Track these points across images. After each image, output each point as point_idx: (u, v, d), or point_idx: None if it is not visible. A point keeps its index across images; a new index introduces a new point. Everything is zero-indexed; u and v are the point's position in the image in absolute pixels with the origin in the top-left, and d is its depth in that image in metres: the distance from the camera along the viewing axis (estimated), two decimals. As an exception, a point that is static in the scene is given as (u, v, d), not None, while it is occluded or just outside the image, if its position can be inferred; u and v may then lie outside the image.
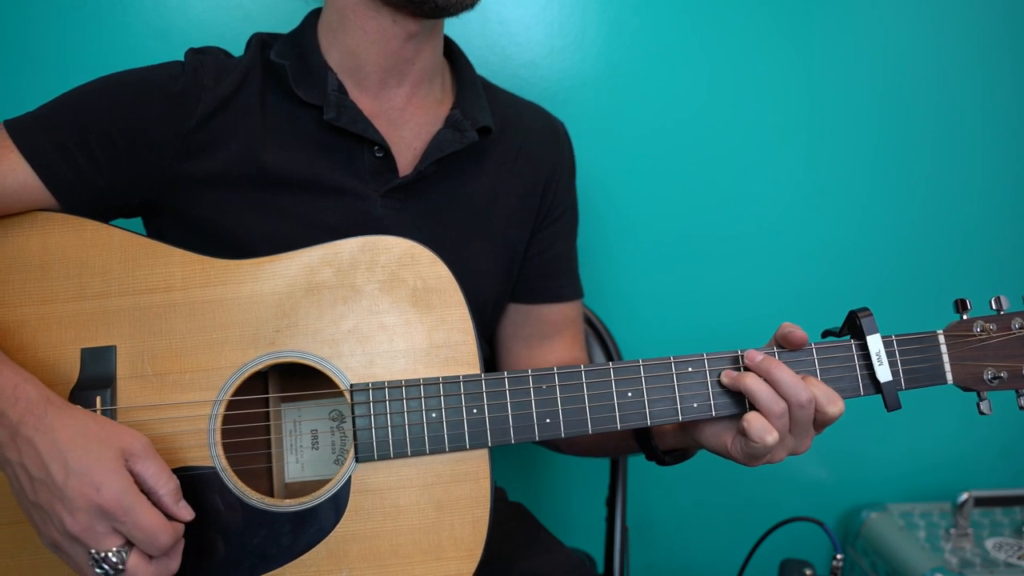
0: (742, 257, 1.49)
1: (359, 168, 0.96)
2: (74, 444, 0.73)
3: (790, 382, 0.82)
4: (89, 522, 0.72)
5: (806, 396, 0.81)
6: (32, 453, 0.73)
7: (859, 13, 1.45)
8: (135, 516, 0.72)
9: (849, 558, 1.54)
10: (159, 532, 0.73)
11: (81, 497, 0.72)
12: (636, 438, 0.97)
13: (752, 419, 0.82)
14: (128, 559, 0.73)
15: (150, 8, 1.33)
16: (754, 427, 0.81)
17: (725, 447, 0.87)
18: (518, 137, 1.07)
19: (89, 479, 0.72)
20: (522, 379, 0.85)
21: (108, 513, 0.72)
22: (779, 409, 0.81)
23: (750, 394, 0.83)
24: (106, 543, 0.72)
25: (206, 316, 0.86)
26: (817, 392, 0.82)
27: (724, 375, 0.85)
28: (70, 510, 0.72)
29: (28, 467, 0.74)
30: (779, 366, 0.83)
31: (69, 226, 0.87)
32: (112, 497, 0.72)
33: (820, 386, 0.83)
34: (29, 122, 0.89)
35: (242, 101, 0.94)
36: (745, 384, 0.83)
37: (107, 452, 0.74)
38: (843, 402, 0.83)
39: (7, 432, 0.75)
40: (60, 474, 0.72)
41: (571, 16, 1.41)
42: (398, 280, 0.87)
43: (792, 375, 0.82)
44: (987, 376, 0.87)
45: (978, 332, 0.88)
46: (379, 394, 0.84)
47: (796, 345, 0.86)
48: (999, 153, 1.51)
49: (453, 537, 0.84)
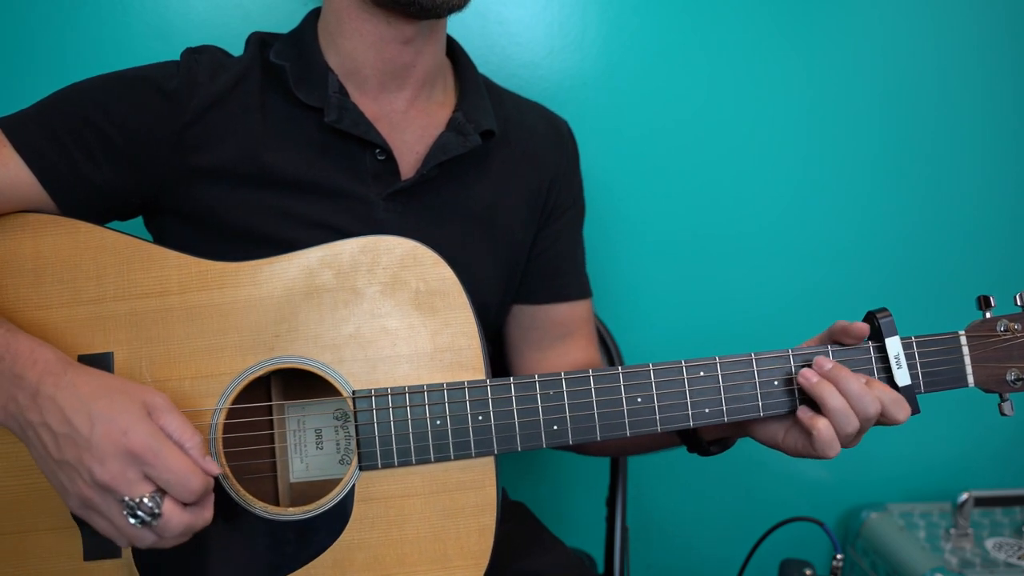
0: (744, 257, 1.49)
1: (361, 171, 0.95)
2: (96, 396, 0.72)
3: (859, 394, 0.81)
4: (120, 468, 0.70)
5: (874, 410, 0.81)
6: (54, 410, 0.72)
7: (860, 13, 1.45)
8: (165, 459, 0.70)
9: (849, 558, 1.55)
10: (191, 474, 0.71)
11: (109, 444, 0.70)
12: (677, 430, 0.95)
13: (823, 429, 0.81)
14: (163, 505, 0.71)
15: (150, 8, 1.32)
16: (823, 437, 0.81)
17: (776, 441, 0.87)
18: (521, 139, 1.06)
19: (116, 425, 0.70)
20: (528, 385, 0.84)
21: (138, 456, 0.70)
22: (852, 430, 0.81)
23: (825, 407, 0.81)
24: (138, 489, 0.70)
25: (204, 321, 0.84)
26: (885, 399, 0.82)
27: (801, 375, 0.83)
28: (99, 458, 0.70)
29: (51, 424, 0.72)
30: (848, 378, 0.81)
31: (62, 228, 0.86)
32: (140, 440, 0.70)
33: (887, 392, 0.82)
34: (23, 118, 0.88)
35: (240, 99, 0.93)
36: (822, 394, 0.81)
37: (131, 403, 0.72)
38: (908, 406, 0.83)
39: (27, 394, 0.73)
40: (85, 425, 0.71)
41: (571, 16, 1.40)
42: (400, 282, 0.86)
43: (861, 386, 0.81)
44: (1010, 377, 0.85)
45: (1002, 331, 0.85)
46: (382, 401, 0.83)
47: (857, 339, 0.84)
48: (1003, 150, 1.51)
49: (459, 545, 0.83)
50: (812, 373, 0.83)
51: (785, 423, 0.87)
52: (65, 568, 0.82)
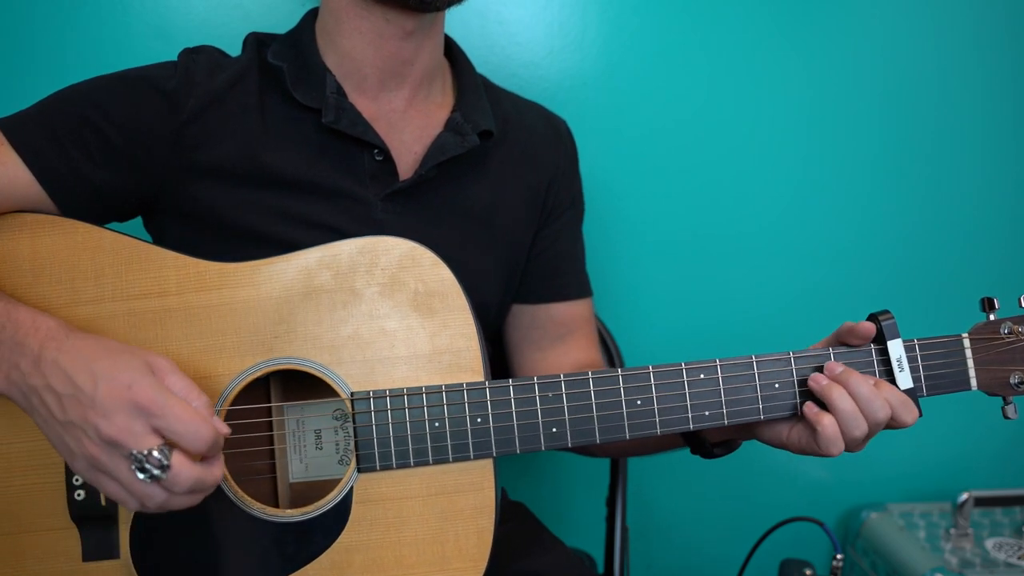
0: (745, 257, 1.49)
1: (359, 171, 0.95)
2: (99, 355, 0.72)
3: (868, 397, 0.80)
4: (126, 421, 0.69)
5: (884, 415, 0.81)
6: (57, 372, 0.71)
7: (860, 14, 1.44)
8: (173, 408, 0.69)
9: (849, 558, 1.54)
10: (200, 424, 0.69)
11: (114, 398, 0.69)
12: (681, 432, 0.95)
13: (828, 425, 0.81)
14: (172, 457, 0.69)
15: (150, 8, 1.32)
16: (828, 433, 0.80)
17: (782, 440, 0.87)
18: (520, 139, 1.06)
19: (119, 380, 0.70)
20: (527, 387, 0.83)
21: (143, 408, 0.69)
22: (860, 433, 0.81)
23: (835, 409, 0.81)
24: (146, 441, 0.68)
25: (202, 322, 0.84)
26: (894, 402, 0.81)
27: (812, 379, 0.83)
28: (104, 414, 0.69)
29: (55, 386, 0.71)
30: (859, 382, 0.81)
31: (59, 229, 0.85)
32: (145, 392, 0.69)
33: (894, 395, 0.82)
34: (23, 118, 0.88)
35: (238, 99, 0.93)
36: (832, 396, 0.81)
37: (134, 360, 0.72)
38: (916, 409, 0.82)
39: (29, 361, 0.73)
40: (89, 383, 0.70)
41: (571, 16, 1.40)
42: (399, 283, 0.85)
43: (871, 389, 0.81)
44: (1013, 380, 0.84)
45: (1005, 334, 0.84)
46: (380, 403, 0.83)
47: (864, 339, 0.84)
48: (1004, 150, 1.51)
49: (458, 547, 0.83)
50: (822, 377, 0.83)
51: (789, 422, 0.87)
52: (63, 569, 0.82)
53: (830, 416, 0.81)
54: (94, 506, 0.82)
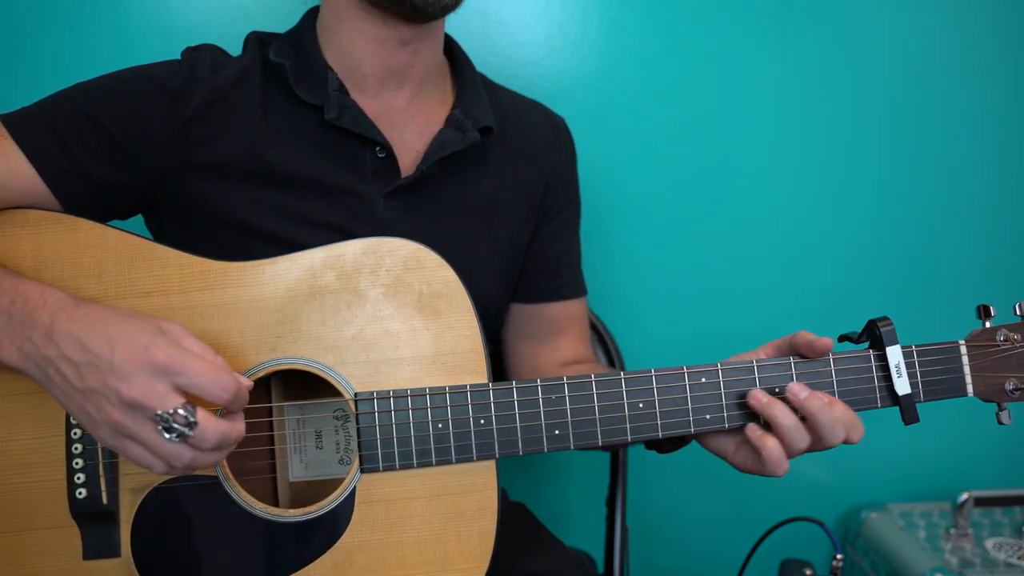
0: (744, 258, 1.49)
1: (361, 169, 0.95)
2: (111, 320, 0.72)
3: (828, 425, 0.80)
4: (147, 383, 0.69)
5: (841, 438, 0.80)
6: (71, 341, 0.71)
7: (861, 15, 1.44)
8: (192, 364, 0.69)
9: (849, 558, 1.55)
10: (223, 375, 0.70)
11: (132, 360, 0.69)
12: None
13: (771, 447, 0.80)
14: (197, 414, 0.69)
15: (150, 8, 1.32)
16: (772, 457, 0.80)
17: (726, 454, 0.87)
18: (520, 136, 1.06)
19: (135, 343, 0.70)
20: (531, 389, 0.84)
21: (163, 367, 0.69)
22: (802, 447, 0.80)
23: (776, 427, 0.81)
24: (170, 401, 0.69)
25: (205, 321, 0.84)
26: (845, 420, 0.81)
27: (752, 397, 0.83)
28: (124, 377, 0.69)
29: (70, 356, 0.71)
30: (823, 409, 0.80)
31: (62, 226, 0.85)
32: (163, 351, 0.69)
33: (846, 413, 0.81)
34: (25, 114, 0.88)
35: (241, 96, 0.93)
36: (773, 414, 0.81)
37: (147, 324, 0.72)
38: (863, 428, 0.82)
39: (41, 333, 0.73)
40: (105, 349, 0.70)
41: (571, 16, 1.40)
42: (403, 284, 0.85)
43: (831, 416, 0.80)
44: (1009, 387, 0.85)
45: (1001, 341, 0.85)
46: (384, 404, 0.83)
47: (821, 354, 0.84)
48: (1005, 157, 1.51)
49: (460, 548, 0.83)
50: (762, 394, 0.82)
51: (736, 438, 0.86)
52: (64, 567, 0.82)
53: (773, 439, 0.81)
54: (95, 504, 0.81)
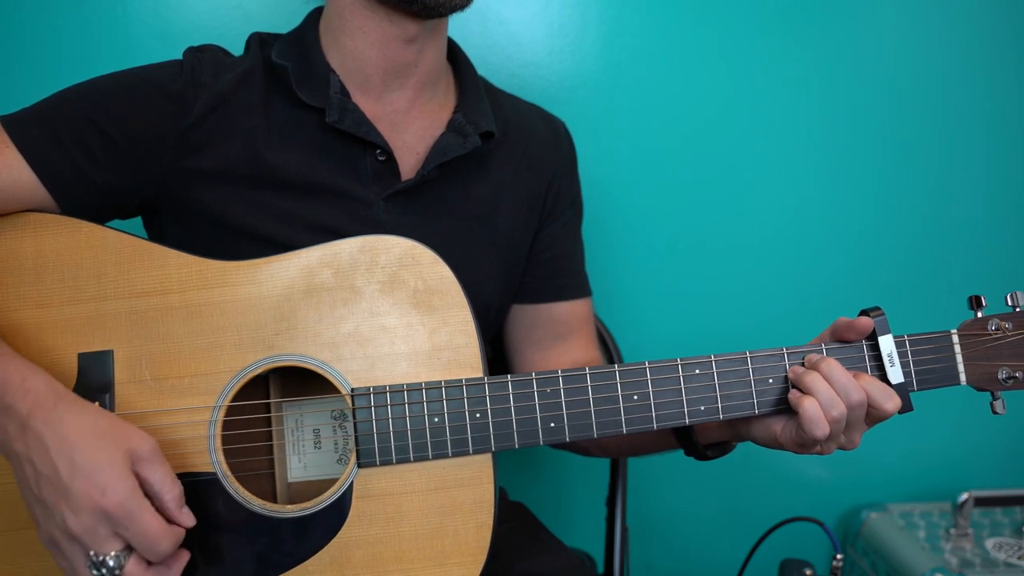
0: (743, 257, 1.49)
1: (361, 172, 0.95)
2: (82, 441, 0.73)
3: (843, 382, 0.82)
4: (92, 524, 0.71)
5: (857, 399, 0.81)
6: (40, 448, 0.73)
7: (862, 15, 1.45)
8: (138, 522, 0.72)
9: (849, 558, 1.54)
10: (161, 538, 0.73)
11: (86, 498, 0.71)
12: (675, 433, 0.96)
13: (809, 407, 0.81)
14: (126, 565, 0.72)
15: (150, 8, 1.32)
16: (809, 415, 0.81)
17: (775, 437, 0.87)
18: (521, 140, 1.06)
19: (95, 480, 0.71)
20: (526, 382, 0.84)
21: (111, 517, 0.71)
22: (837, 413, 0.81)
23: (812, 391, 0.82)
24: (106, 546, 0.72)
25: (203, 319, 0.84)
26: (871, 390, 0.82)
27: (791, 370, 0.85)
28: (74, 510, 0.71)
29: (35, 462, 0.73)
30: (833, 366, 0.82)
31: (63, 228, 0.86)
32: (117, 501, 0.71)
33: (874, 383, 0.83)
34: (25, 117, 0.88)
35: (243, 99, 0.93)
36: (807, 382, 0.83)
37: (115, 453, 0.73)
38: (898, 398, 0.83)
39: (16, 425, 0.74)
40: (67, 472, 0.72)
41: (571, 16, 1.41)
42: (399, 281, 0.86)
43: (846, 375, 0.82)
44: (1001, 376, 0.86)
45: (993, 330, 0.86)
46: (380, 398, 0.83)
47: (862, 333, 0.85)
48: (1008, 149, 1.51)
49: (457, 542, 0.84)
50: (799, 367, 0.85)
51: (782, 419, 0.87)
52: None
53: (811, 398, 0.82)
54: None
